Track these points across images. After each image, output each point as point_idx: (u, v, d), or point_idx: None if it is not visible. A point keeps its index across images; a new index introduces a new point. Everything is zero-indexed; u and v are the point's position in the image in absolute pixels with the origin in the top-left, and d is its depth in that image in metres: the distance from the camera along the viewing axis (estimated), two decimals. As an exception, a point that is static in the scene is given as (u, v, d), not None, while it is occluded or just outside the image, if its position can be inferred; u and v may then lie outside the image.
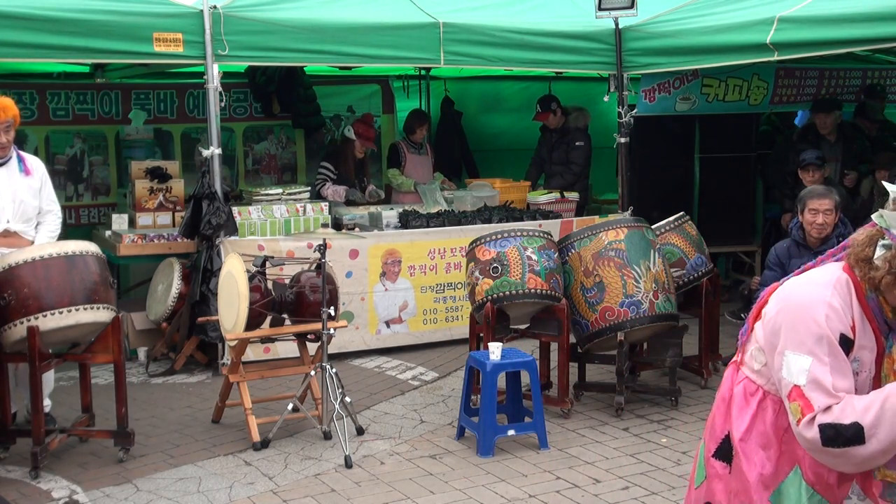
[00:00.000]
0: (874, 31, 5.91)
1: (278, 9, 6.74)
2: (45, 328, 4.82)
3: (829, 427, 2.22)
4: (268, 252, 6.46)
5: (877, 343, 2.35)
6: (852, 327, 2.30)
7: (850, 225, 5.46)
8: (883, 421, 2.17)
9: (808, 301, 2.33)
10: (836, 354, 2.27)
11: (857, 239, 2.38)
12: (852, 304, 2.32)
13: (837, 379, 2.26)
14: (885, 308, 2.33)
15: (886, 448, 2.19)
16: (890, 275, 2.26)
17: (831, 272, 2.39)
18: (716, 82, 8.31)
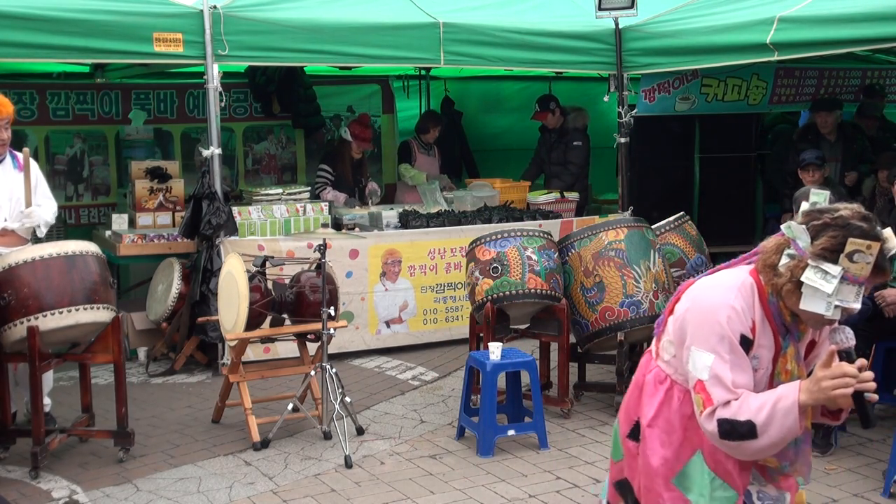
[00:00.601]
0: (874, 31, 5.91)
1: (278, 9, 6.74)
2: (45, 328, 4.82)
3: (727, 422, 2.44)
4: (268, 252, 6.47)
5: (774, 343, 2.54)
6: (752, 328, 2.50)
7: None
8: (774, 420, 2.40)
9: (713, 303, 2.51)
10: (736, 353, 2.47)
11: (766, 246, 2.55)
12: (754, 307, 2.51)
13: (737, 375, 2.47)
14: (785, 312, 2.51)
15: (776, 442, 2.43)
16: (791, 282, 2.44)
17: (739, 276, 2.57)
18: (715, 82, 8.31)
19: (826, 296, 2.40)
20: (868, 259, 2.39)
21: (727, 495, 2.56)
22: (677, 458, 2.62)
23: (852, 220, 2.43)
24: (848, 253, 2.38)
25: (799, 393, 2.42)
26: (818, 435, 5.22)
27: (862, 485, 4.77)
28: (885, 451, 5.06)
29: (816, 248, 2.42)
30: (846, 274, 2.39)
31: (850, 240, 2.38)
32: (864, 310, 5.22)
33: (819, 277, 2.40)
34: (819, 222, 2.44)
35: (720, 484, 2.57)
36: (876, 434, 5.50)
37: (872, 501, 4.59)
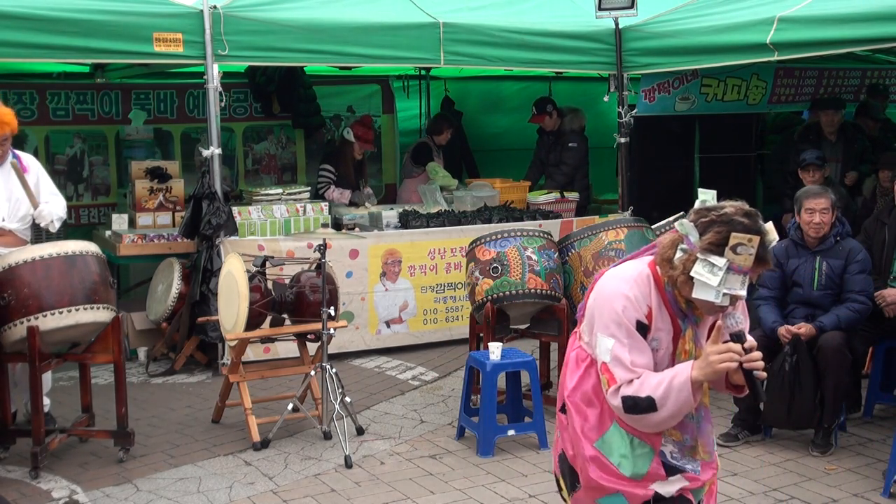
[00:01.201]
0: (874, 31, 5.90)
1: (278, 9, 6.74)
2: (45, 328, 4.82)
3: (629, 398, 2.72)
4: (268, 252, 6.47)
5: (673, 326, 2.81)
6: (648, 314, 2.76)
7: (847, 224, 5.45)
8: (670, 394, 2.68)
9: (610, 293, 2.79)
10: (633, 337, 2.74)
11: (663, 241, 2.80)
12: (651, 295, 2.77)
13: (635, 356, 2.74)
14: (680, 299, 2.78)
15: (674, 414, 2.72)
16: (683, 274, 2.69)
17: (637, 267, 2.84)
18: (715, 82, 8.31)
19: (714, 286, 2.64)
20: (750, 251, 2.62)
21: (645, 451, 2.84)
22: (597, 426, 2.88)
23: (735, 216, 2.66)
24: (732, 246, 2.62)
25: (692, 370, 2.68)
26: (818, 435, 5.22)
27: (862, 485, 4.77)
28: (885, 451, 5.06)
29: (704, 243, 2.66)
30: (731, 265, 2.63)
31: (732, 234, 2.62)
32: (864, 310, 5.23)
33: (707, 270, 2.65)
34: (706, 219, 2.68)
35: (639, 442, 2.83)
36: (876, 434, 5.50)
37: (872, 501, 4.59)
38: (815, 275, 5.32)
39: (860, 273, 5.27)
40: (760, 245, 2.64)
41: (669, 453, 2.86)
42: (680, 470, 2.85)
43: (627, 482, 2.84)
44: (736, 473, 4.95)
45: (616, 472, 2.83)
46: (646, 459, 2.83)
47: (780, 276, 5.42)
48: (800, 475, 4.92)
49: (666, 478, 2.84)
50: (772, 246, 2.70)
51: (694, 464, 2.88)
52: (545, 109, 9.00)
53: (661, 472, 2.83)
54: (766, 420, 5.37)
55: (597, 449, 2.86)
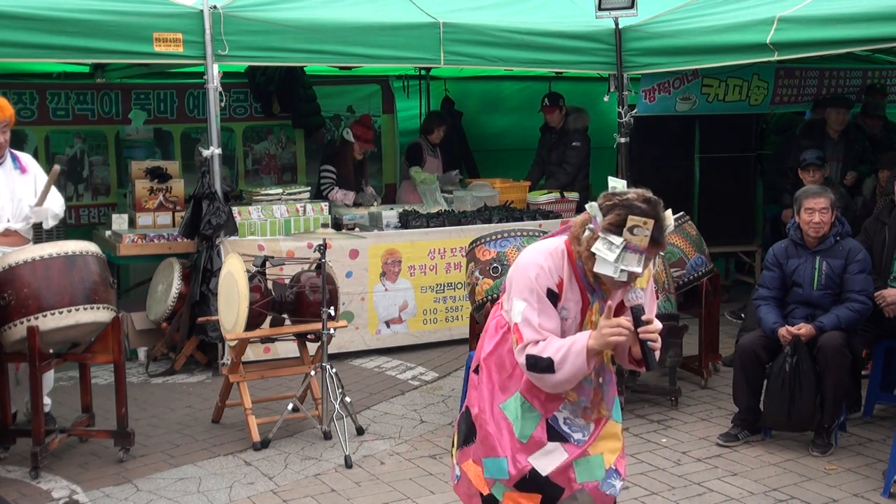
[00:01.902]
0: (874, 31, 5.90)
1: (278, 9, 6.73)
2: (45, 328, 4.82)
3: (532, 357, 3.01)
4: (268, 252, 6.47)
5: (582, 298, 3.11)
6: (559, 285, 3.05)
7: (847, 224, 5.45)
8: (568, 359, 2.97)
9: (527, 262, 3.08)
10: (543, 303, 3.03)
11: (576, 221, 3.10)
12: (563, 268, 3.06)
13: (543, 320, 3.03)
14: (589, 274, 3.05)
15: (570, 378, 3.01)
16: (587, 251, 2.99)
17: (554, 242, 3.13)
18: (716, 82, 8.30)
19: (612, 262, 2.93)
20: (646, 233, 2.91)
21: (533, 416, 3.15)
22: (504, 388, 3.19)
23: (635, 201, 2.96)
24: (629, 227, 2.91)
25: (588, 339, 2.97)
26: (818, 435, 5.23)
27: (862, 485, 4.77)
28: (885, 451, 5.06)
29: (605, 223, 2.95)
30: (628, 244, 2.92)
31: (630, 217, 2.91)
32: (864, 309, 5.23)
33: (606, 247, 2.94)
34: (610, 203, 2.98)
35: (529, 407, 3.15)
36: (876, 434, 5.50)
37: (872, 501, 4.59)
38: (814, 275, 5.32)
39: (860, 273, 5.27)
40: (655, 228, 2.92)
41: (563, 419, 3.16)
42: (564, 438, 3.15)
43: (515, 445, 3.14)
44: (736, 473, 4.96)
45: (511, 431, 3.15)
46: (532, 423, 3.14)
47: (779, 277, 5.42)
48: (800, 475, 4.92)
49: (546, 443, 3.13)
50: (668, 231, 3.00)
51: (582, 432, 3.18)
52: (558, 103, 8.95)
53: (544, 438, 3.14)
54: (766, 422, 5.37)
55: (501, 409, 3.18)
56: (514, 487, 3.17)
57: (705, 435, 5.52)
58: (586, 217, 3.04)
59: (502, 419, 3.16)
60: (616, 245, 2.93)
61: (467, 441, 3.26)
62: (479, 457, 3.21)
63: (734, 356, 5.55)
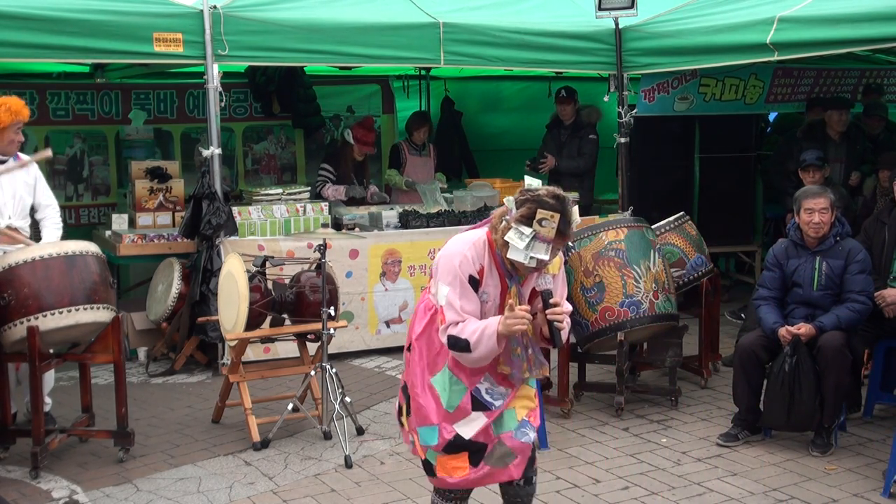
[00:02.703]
0: (874, 31, 5.90)
1: (278, 9, 6.74)
2: (45, 328, 4.82)
3: (452, 337, 3.38)
4: (268, 252, 6.47)
5: (501, 283, 3.47)
6: (480, 272, 3.42)
7: (847, 224, 5.45)
8: (482, 342, 3.33)
9: (452, 251, 3.44)
10: (464, 288, 3.40)
11: (495, 213, 3.45)
12: (484, 256, 3.43)
13: (464, 304, 3.39)
14: (507, 261, 3.40)
15: (484, 356, 3.38)
16: (502, 239, 3.35)
17: (477, 234, 3.49)
18: (713, 82, 8.31)
19: (522, 249, 3.30)
20: (552, 225, 3.28)
21: (459, 388, 3.51)
22: (433, 364, 3.54)
23: (545, 197, 3.32)
24: (538, 219, 3.28)
25: (498, 325, 3.32)
26: (818, 435, 5.23)
27: (862, 485, 4.77)
28: (885, 451, 5.06)
29: (517, 216, 3.32)
30: (537, 234, 3.29)
31: (539, 210, 3.28)
32: (864, 310, 5.23)
33: (517, 237, 3.30)
34: (523, 198, 3.35)
35: (456, 380, 3.50)
36: (876, 434, 5.50)
37: (872, 501, 4.59)
38: (814, 275, 5.31)
39: (860, 273, 5.27)
40: (561, 221, 3.30)
41: (485, 390, 3.53)
42: (486, 407, 3.51)
43: (444, 414, 3.50)
44: (736, 473, 4.96)
45: (439, 402, 3.50)
46: (459, 395, 3.50)
47: (779, 277, 5.42)
48: (800, 475, 4.92)
49: (470, 412, 3.50)
50: (575, 225, 3.39)
51: (503, 399, 3.54)
52: (573, 97, 8.86)
53: (469, 407, 3.50)
54: (766, 422, 5.37)
55: (430, 384, 3.53)
56: (442, 452, 3.54)
57: (705, 435, 5.52)
58: (504, 210, 3.39)
59: (432, 392, 3.53)
60: (526, 235, 3.30)
61: (410, 412, 3.63)
62: (415, 427, 3.59)
63: (734, 356, 5.55)
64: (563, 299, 3.50)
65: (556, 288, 3.52)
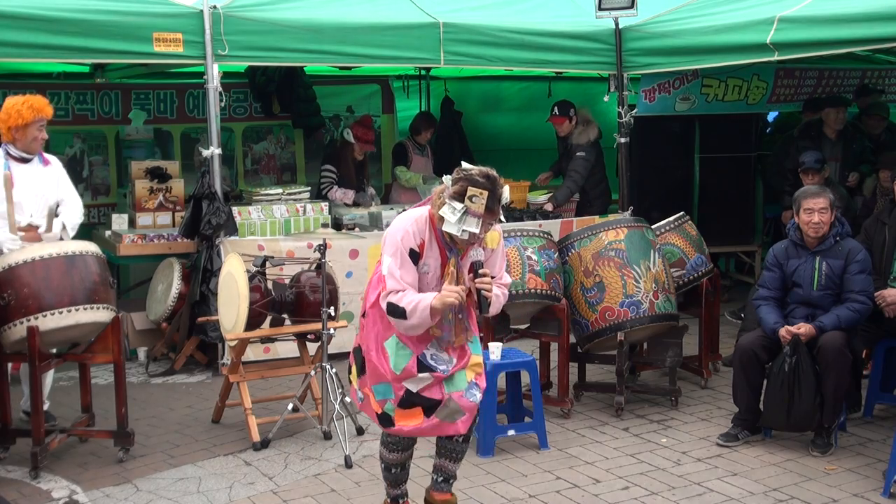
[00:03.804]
0: (874, 31, 5.90)
1: (278, 9, 6.73)
2: (45, 328, 4.82)
3: (391, 305, 3.78)
4: (268, 252, 6.46)
5: (441, 255, 3.87)
6: (421, 245, 3.82)
7: (847, 224, 5.45)
8: (416, 312, 3.74)
9: (396, 228, 3.85)
10: (405, 260, 3.80)
11: (435, 190, 3.83)
12: (426, 231, 3.82)
13: (404, 274, 3.79)
14: (445, 235, 3.80)
15: (417, 325, 3.79)
16: (438, 215, 3.76)
17: (420, 211, 3.89)
18: (715, 82, 8.31)
19: (454, 223, 3.69)
20: (482, 201, 3.67)
21: (406, 353, 3.90)
22: (385, 329, 3.91)
23: (476, 176, 3.72)
24: (469, 196, 3.68)
25: (433, 300, 3.74)
26: (818, 435, 5.22)
27: (862, 485, 4.77)
28: (885, 451, 5.06)
29: (451, 192, 3.73)
30: (468, 209, 3.68)
31: (470, 187, 3.68)
32: (864, 310, 5.23)
33: (450, 211, 3.69)
34: (457, 176, 3.75)
35: (402, 346, 3.90)
36: (876, 434, 5.50)
37: (872, 501, 4.59)
38: (814, 275, 5.31)
39: (860, 273, 5.27)
40: (490, 198, 3.68)
41: (430, 355, 3.91)
42: (430, 370, 3.89)
43: (392, 375, 3.90)
44: (736, 473, 4.96)
45: (389, 364, 3.89)
46: (405, 359, 3.89)
47: (779, 277, 5.42)
48: (800, 475, 4.92)
49: (416, 374, 3.88)
50: (504, 202, 3.77)
51: (447, 365, 3.92)
52: (567, 113, 8.38)
53: (415, 370, 3.88)
54: (766, 422, 5.37)
55: (384, 347, 3.91)
56: (398, 406, 3.94)
57: (705, 435, 5.52)
58: (443, 187, 3.78)
59: (384, 354, 3.91)
60: (457, 210, 3.68)
61: (362, 371, 4.03)
62: (370, 384, 3.98)
63: (734, 356, 5.55)
64: (499, 272, 3.98)
65: (494, 262, 3.96)
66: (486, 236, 3.89)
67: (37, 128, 5.36)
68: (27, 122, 5.31)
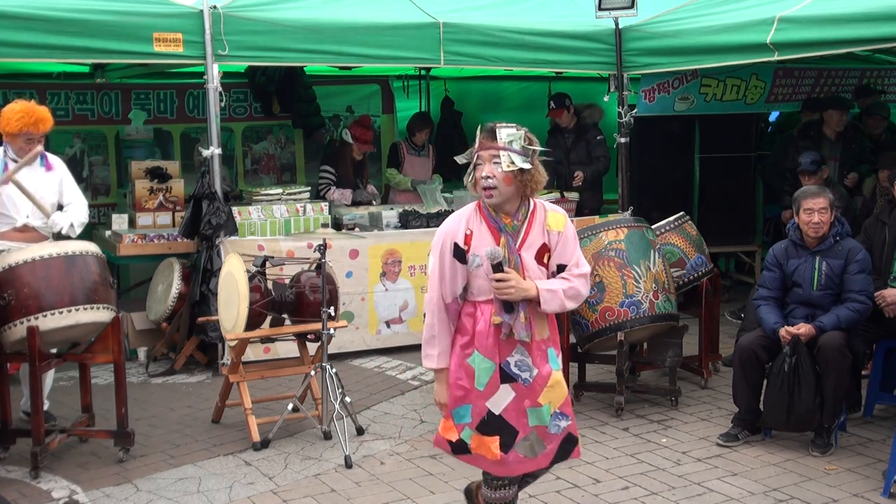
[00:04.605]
0: (874, 31, 5.90)
1: (278, 9, 6.74)
2: (45, 328, 4.82)
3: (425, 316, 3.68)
4: (268, 252, 6.47)
5: (494, 237, 3.58)
6: (467, 238, 3.58)
7: (846, 224, 5.45)
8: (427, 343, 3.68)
9: (442, 225, 3.68)
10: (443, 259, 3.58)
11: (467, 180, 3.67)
12: (473, 220, 3.59)
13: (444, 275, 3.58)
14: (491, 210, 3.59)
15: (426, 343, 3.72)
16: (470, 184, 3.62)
17: (470, 205, 3.67)
18: (714, 82, 8.31)
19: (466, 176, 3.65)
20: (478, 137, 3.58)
21: (486, 365, 3.61)
22: (466, 347, 3.63)
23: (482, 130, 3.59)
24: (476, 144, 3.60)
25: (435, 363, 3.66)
26: (818, 435, 5.22)
27: (862, 485, 4.77)
28: (885, 451, 5.06)
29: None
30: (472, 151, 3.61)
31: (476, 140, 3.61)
32: (864, 309, 5.23)
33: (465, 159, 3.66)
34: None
35: (483, 358, 3.61)
36: (876, 434, 5.50)
37: (872, 501, 4.59)
38: (814, 275, 5.31)
39: (860, 273, 5.27)
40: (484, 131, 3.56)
41: (514, 363, 3.61)
42: (513, 379, 3.61)
43: (476, 393, 3.62)
44: (736, 473, 4.96)
45: (473, 380, 3.61)
46: (487, 373, 3.61)
47: (779, 277, 5.42)
48: (800, 475, 4.92)
49: (499, 386, 3.61)
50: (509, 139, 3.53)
51: (529, 372, 3.62)
52: (563, 104, 8.60)
53: (497, 382, 3.60)
54: (766, 422, 5.37)
55: (468, 364, 3.62)
56: (476, 430, 3.63)
57: (705, 435, 5.52)
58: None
59: (467, 371, 3.62)
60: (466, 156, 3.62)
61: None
62: (454, 406, 3.67)
63: (734, 356, 5.55)
64: (570, 258, 3.62)
65: (564, 248, 3.63)
66: (549, 219, 3.62)
67: (24, 140, 5.34)
68: (12, 132, 5.31)
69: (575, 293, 3.61)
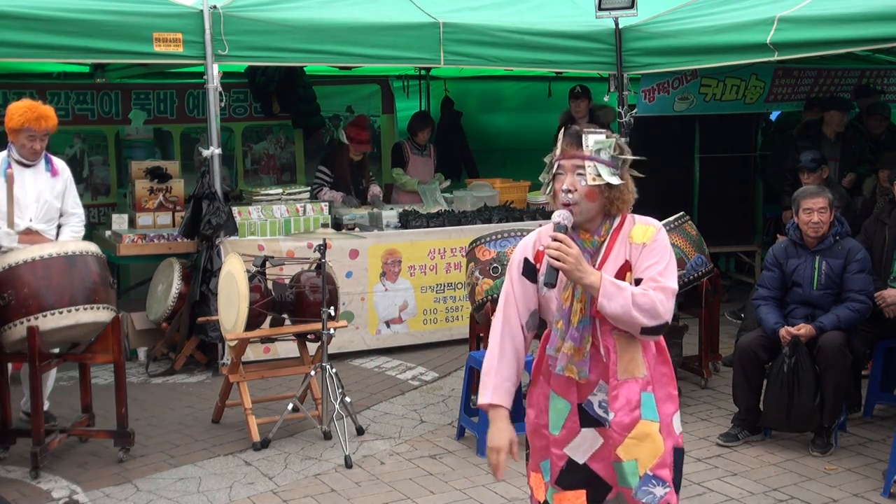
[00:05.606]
0: (874, 31, 5.90)
1: (278, 9, 6.74)
2: (45, 328, 4.82)
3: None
4: (268, 252, 6.47)
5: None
6: (538, 255, 3.04)
7: (846, 224, 5.45)
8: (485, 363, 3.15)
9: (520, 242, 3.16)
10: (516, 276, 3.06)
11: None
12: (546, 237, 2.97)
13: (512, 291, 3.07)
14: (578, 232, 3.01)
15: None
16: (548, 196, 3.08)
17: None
18: (714, 82, 8.31)
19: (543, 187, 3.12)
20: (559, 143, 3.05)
21: (561, 406, 3.03)
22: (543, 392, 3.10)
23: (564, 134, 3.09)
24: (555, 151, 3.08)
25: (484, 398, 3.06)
26: (818, 435, 5.22)
27: (862, 485, 4.77)
28: (885, 451, 5.06)
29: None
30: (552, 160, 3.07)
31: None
32: (864, 309, 5.24)
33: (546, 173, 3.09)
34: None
35: (559, 398, 3.04)
36: (876, 434, 5.50)
37: (872, 501, 4.59)
38: (814, 274, 5.32)
39: (860, 272, 5.27)
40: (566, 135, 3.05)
41: (598, 402, 2.99)
42: (596, 423, 2.99)
43: (552, 439, 3.05)
44: (736, 473, 4.96)
45: (549, 425, 3.06)
46: (563, 414, 3.03)
47: (779, 277, 5.42)
48: (800, 475, 4.92)
49: (580, 430, 3.00)
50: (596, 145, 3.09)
51: (610, 414, 2.97)
52: (589, 94, 8.72)
53: (577, 425, 3.01)
54: (766, 422, 5.37)
55: (547, 407, 3.08)
56: (557, 486, 3.03)
57: (705, 435, 5.52)
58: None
59: (546, 415, 3.08)
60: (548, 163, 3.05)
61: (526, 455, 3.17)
62: (538, 462, 3.11)
63: (734, 356, 5.55)
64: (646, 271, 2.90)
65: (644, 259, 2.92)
66: (634, 231, 2.98)
67: (26, 136, 5.28)
68: (14, 127, 5.27)
69: (650, 305, 2.85)
